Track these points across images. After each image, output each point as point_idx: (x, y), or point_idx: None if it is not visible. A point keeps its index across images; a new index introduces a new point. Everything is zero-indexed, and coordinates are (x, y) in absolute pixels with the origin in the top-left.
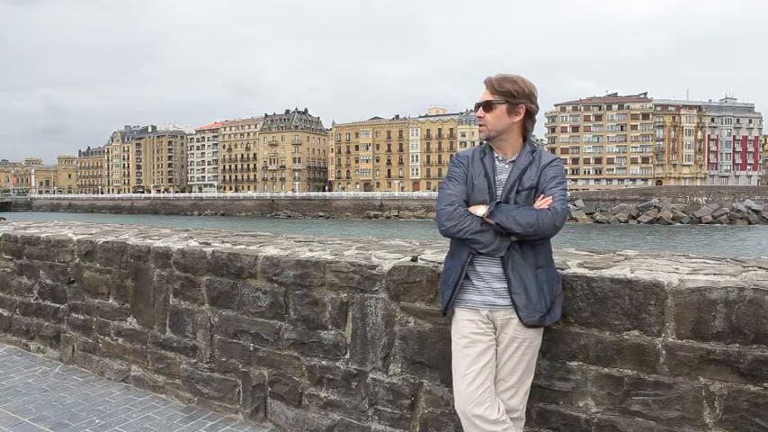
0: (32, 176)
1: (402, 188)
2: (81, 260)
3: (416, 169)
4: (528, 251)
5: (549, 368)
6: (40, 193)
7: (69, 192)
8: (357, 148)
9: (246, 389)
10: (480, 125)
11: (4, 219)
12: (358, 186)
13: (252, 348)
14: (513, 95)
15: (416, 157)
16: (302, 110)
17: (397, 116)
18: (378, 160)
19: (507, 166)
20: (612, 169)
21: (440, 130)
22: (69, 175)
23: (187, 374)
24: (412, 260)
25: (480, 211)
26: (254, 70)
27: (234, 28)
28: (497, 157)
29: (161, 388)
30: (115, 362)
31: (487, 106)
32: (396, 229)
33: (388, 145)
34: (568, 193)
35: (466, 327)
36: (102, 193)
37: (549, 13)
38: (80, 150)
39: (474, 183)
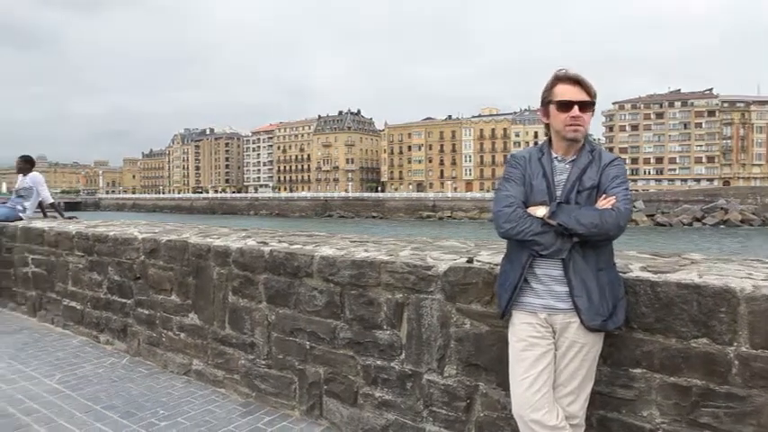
0: (100, 178)
1: (455, 189)
2: (146, 258)
3: (469, 170)
4: (590, 253)
5: (610, 375)
6: (107, 193)
7: (134, 192)
8: (410, 148)
9: (302, 386)
10: (576, 125)
11: (76, 218)
12: (410, 187)
13: (308, 346)
14: (595, 95)
15: (469, 157)
16: (355, 111)
17: (450, 116)
18: (430, 161)
19: (567, 166)
20: (675, 169)
21: (493, 130)
22: (134, 176)
23: (245, 370)
24: (468, 261)
25: (540, 212)
26: (308, 72)
27: (289, 32)
28: (556, 157)
29: (220, 382)
30: (177, 356)
31: (586, 106)
32: (449, 230)
33: (441, 145)
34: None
35: (524, 330)
36: (163, 193)
37: (603, 8)
38: (143, 152)
39: (532, 183)
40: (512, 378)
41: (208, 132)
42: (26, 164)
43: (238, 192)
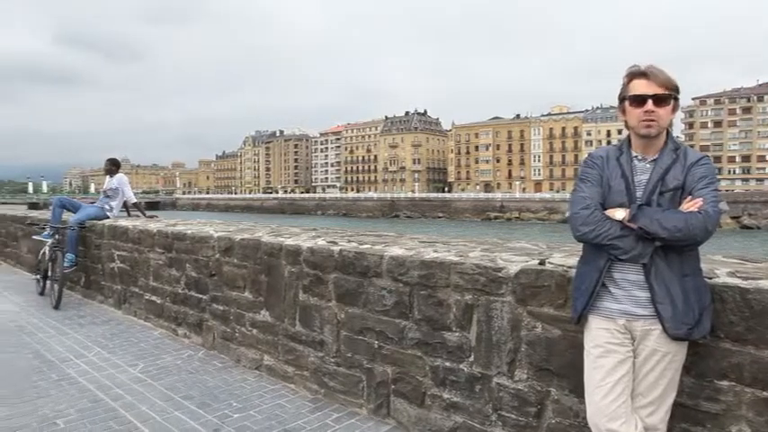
0: (177, 178)
1: (523, 189)
2: (221, 255)
3: (538, 170)
4: (674, 258)
5: (694, 386)
6: (183, 193)
7: (207, 192)
8: (477, 148)
9: (371, 385)
10: (649, 120)
11: (156, 216)
12: (478, 187)
13: (376, 346)
14: (677, 90)
15: (538, 157)
16: (422, 111)
17: (518, 115)
18: (498, 161)
19: (648, 165)
20: (764, 168)
21: (563, 128)
22: (208, 177)
23: (314, 367)
24: (540, 263)
25: (619, 214)
26: (376, 74)
27: (357, 34)
28: (636, 156)
29: (290, 378)
30: (250, 351)
31: (661, 100)
32: (517, 231)
33: (509, 145)
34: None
35: (600, 336)
36: (235, 193)
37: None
38: (217, 154)
39: (610, 184)
40: (587, 385)
41: (278, 134)
42: (113, 166)
43: (307, 192)
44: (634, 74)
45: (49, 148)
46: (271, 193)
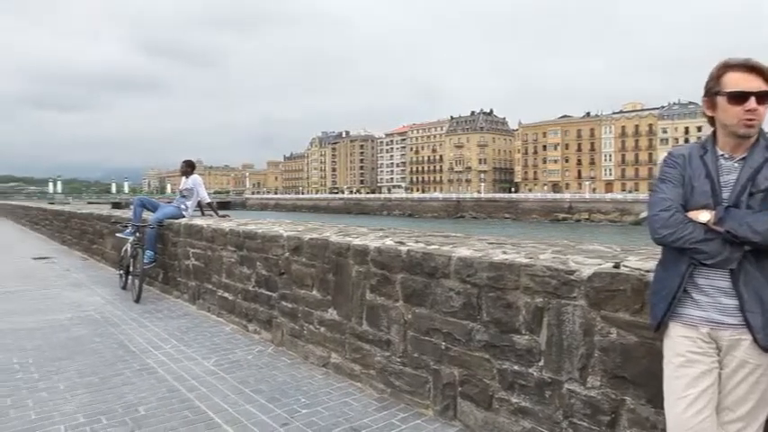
0: (247, 179)
1: (593, 189)
2: (290, 254)
3: (610, 169)
4: (766, 263)
5: None
6: (253, 193)
7: (276, 192)
8: (545, 148)
9: (437, 386)
10: (751, 119)
11: (229, 216)
12: (545, 188)
13: (443, 347)
14: None
15: (610, 156)
16: (488, 111)
17: (588, 113)
18: (567, 160)
19: (736, 165)
20: None
21: (636, 126)
22: (276, 178)
23: (381, 366)
24: (614, 266)
25: (703, 216)
26: (441, 74)
27: (422, 35)
28: (722, 155)
29: (357, 376)
30: (317, 348)
31: (764, 97)
32: (588, 233)
33: (579, 144)
34: None
35: (682, 344)
36: (302, 193)
37: None
38: (285, 155)
39: (693, 185)
40: (667, 396)
41: (344, 135)
42: (188, 167)
43: (372, 192)
44: (730, 66)
45: (130, 151)
46: (337, 193)
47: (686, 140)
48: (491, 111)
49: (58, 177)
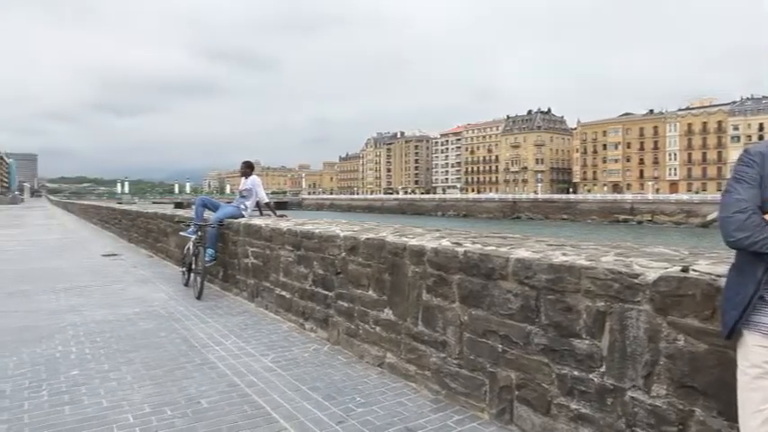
0: (303, 180)
1: (657, 190)
2: (346, 254)
3: (674, 169)
4: None
5: None
6: (309, 193)
7: (331, 192)
8: (605, 147)
9: (493, 389)
10: None
11: (286, 216)
12: (605, 188)
13: (500, 349)
14: None
15: (674, 155)
16: (545, 110)
17: (651, 111)
18: (628, 160)
19: None
20: None
21: (704, 124)
22: (331, 179)
23: (436, 368)
24: (682, 270)
25: None
26: (496, 73)
27: (477, 34)
28: None
29: (412, 377)
30: (373, 348)
31: None
32: (651, 235)
33: (641, 143)
34: None
35: (758, 354)
36: (357, 193)
37: None
38: (340, 156)
39: None
40: (741, 409)
41: (398, 135)
42: (247, 168)
43: (427, 193)
44: None
45: (191, 153)
46: (391, 193)
47: (760, 138)
48: (548, 109)
49: (125, 178)
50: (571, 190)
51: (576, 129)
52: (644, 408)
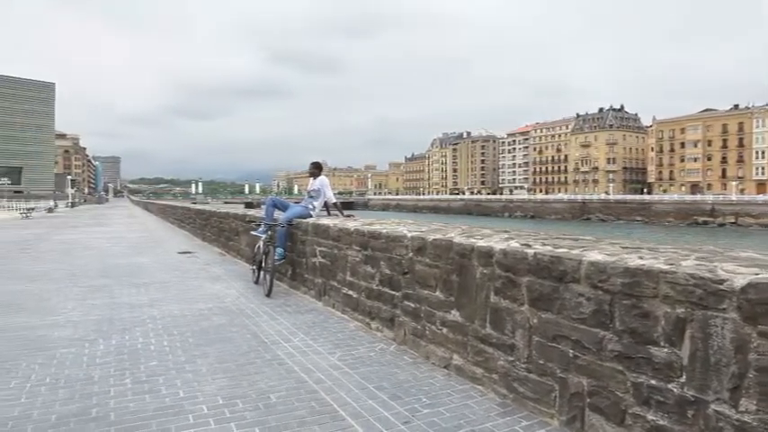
0: (369, 180)
1: (741, 191)
2: (413, 255)
3: (762, 168)
4: None
5: None
6: (375, 194)
7: (397, 193)
8: (683, 145)
9: (563, 395)
10: None
11: (353, 216)
12: (683, 188)
13: (571, 355)
14: None
15: (762, 153)
16: (617, 107)
17: (736, 106)
18: (709, 159)
19: None
20: None
21: None
22: (397, 179)
23: (504, 371)
24: None
25: None
26: (565, 71)
27: (544, 32)
28: None
29: (479, 380)
30: (439, 349)
31: None
32: (732, 239)
33: (724, 140)
34: None
35: None
36: (422, 194)
37: None
38: (406, 156)
39: None
40: None
41: (464, 135)
42: (316, 169)
43: (493, 193)
44: None
45: (260, 154)
46: (457, 194)
47: None
48: (621, 106)
49: (199, 179)
50: (645, 190)
51: (651, 126)
52: (730, 423)
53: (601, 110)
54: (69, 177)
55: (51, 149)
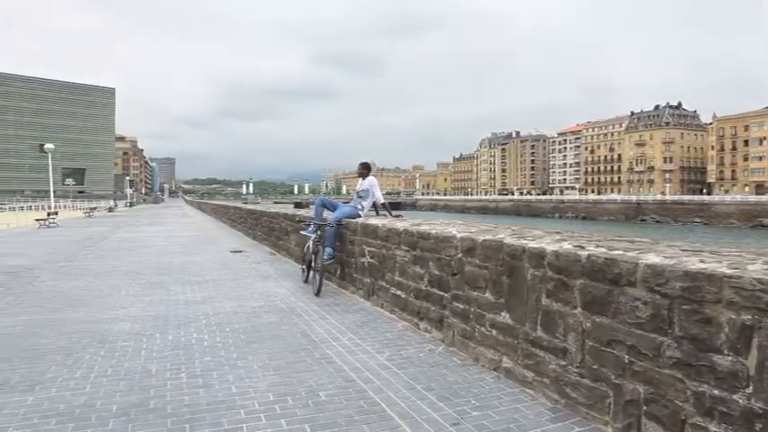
0: (417, 180)
1: None
2: (463, 255)
3: None
4: None
5: None
6: (422, 194)
7: (445, 193)
8: (746, 143)
9: (618, 402)
10: None
11: (402, 216)
12: (747, 189)
13: (626, 360)
14: None
15: None
16: (674, 104)
17: None
18: None
19: None
20: None
21: None
22: (445, 179)
23: (555, 375)
24: None
25: None
26: (617, 68)
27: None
28: None
29: (529, 383)
30: (488, 351)
31: None
32: None
33: None
34: None
35: None
36: (471, 194)
37: None
38: (454, 157)
39: None
40: None
41: (514, 135)
42: (365, 169)
43: (543, 194)
44: None
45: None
46: (506, 194)
47: None
48: (679, 104)
49: (249, 180)
50: (705, 191)
51: (711, 124)
52: None
53: (657, 107)
54: (128, 178)
55: (111, 151)
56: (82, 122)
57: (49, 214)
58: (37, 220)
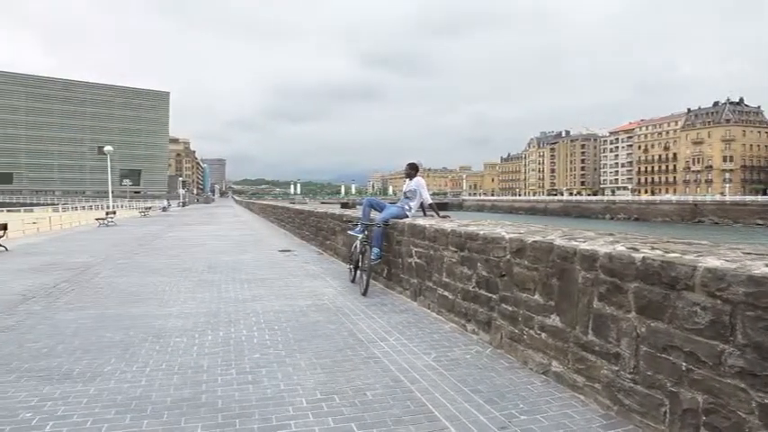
0: (464, 181)
1: None
2: (512, 257)
3: None
4: None
5: None
6: (470, 195)
7: (492, 194)
8: None
9: (675, 411)
10: None
11: (449, 216)
12: None
13: (684, 368)
14: None
15: None
16: (736, 100)
17: None
18: None
19: None
20: None
21: None
22: (492, 180)
23: (608, 381)
24: None
25: None
26: (673, 64)
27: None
28: None
29: (579, 388)
30: (537, 354)
31: None
32: None
33: None
34: None
35: None
36: (519, 195)
37: None
38: (501, 157)
39: None
40: None
41: (563, 135)
42: (412, 170)
43: (594, 194)
44: None
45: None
46: (555, 195)
47: None
48: (740, 99)
49: (297, 180)
50: None
51: None
52: None
53: (716, 104)
54: (181, 179)
55: (165, 153)
56: (138, 125)
57: (107, 214)
58: (97, 219)
